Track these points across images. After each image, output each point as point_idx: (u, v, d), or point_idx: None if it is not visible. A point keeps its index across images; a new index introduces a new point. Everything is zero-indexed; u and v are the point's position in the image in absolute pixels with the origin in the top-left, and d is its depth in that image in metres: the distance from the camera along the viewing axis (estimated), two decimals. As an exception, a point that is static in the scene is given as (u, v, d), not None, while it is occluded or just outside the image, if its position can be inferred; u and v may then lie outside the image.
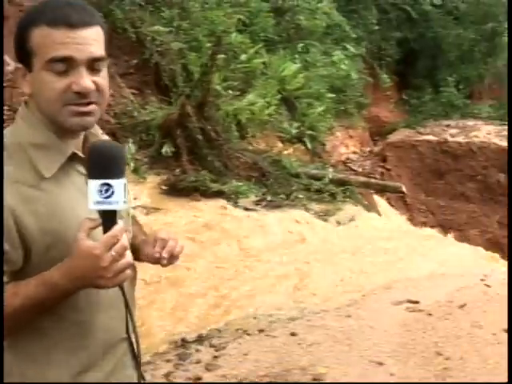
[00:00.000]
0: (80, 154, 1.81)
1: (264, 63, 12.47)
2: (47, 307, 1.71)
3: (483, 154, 14.94)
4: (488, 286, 6.43)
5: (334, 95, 14.03)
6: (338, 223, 8.45)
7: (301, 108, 12.87)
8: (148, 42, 10.16)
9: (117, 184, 1.65)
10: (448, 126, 16.48)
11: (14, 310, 1.67)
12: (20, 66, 1.76)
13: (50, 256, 1.71)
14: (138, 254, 2.02)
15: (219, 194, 8.59)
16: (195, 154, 9.21)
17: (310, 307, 5.44)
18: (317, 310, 5.38)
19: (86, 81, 1.71)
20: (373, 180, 11.01)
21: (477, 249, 9.32)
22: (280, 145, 12.07)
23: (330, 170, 10.99)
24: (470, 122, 16.96)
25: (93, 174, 1.66)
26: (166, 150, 8.86)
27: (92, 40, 1.73)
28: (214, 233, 7.08)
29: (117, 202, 1.65)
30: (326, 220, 8.45)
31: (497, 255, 9.53)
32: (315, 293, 5.81)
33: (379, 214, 11.40)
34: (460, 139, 15.29)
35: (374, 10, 17.39)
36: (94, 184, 1.65)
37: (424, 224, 14.42)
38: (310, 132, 12.68)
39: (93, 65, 1.74)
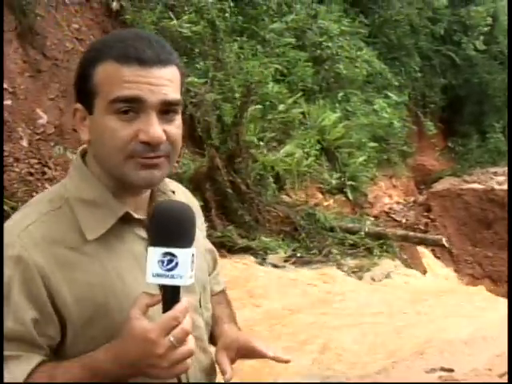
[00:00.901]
0: (135, 216, 1.54)
1: (303, 113, 12.32)
2: None
3: (532, 202, 14.48)
4: (535, 352, 5.99)
5: (376, 144, 13.81)
6: (373, 280, 8.11)
7: (341, 158, 12.65)
8: (182, 94, 10.04)
9: (182, 254, 1.39)
10: (495, 173, 16.10)
11: None
12: (79, 106, 1.52)
13: (90, 333, 1.47)
14: (213, 341, 1.76)
15: (246, 250, 8.33)
16: (225, 208, 9.01)
17: (335, 374, 5.09)
18: (342, 377, 5.03)
19: (157, 129, 1.45)
20: (411, 233, 10.63)
21: None
22: (320, 196, 11.83)
23: (368, 222, 10.67)
24: (519, 169, 16.55)
25: (155, 241, 1.41)
26: (194, 203, 8.70)
27: (167, 80, 1.48)
28: (236, 292, 6.77)
29: (180, 277, 1.39)
30: (360, 277, 8.13)
31: None
32: (341, 358, 5.45)
33: (422, 268, 11.02)
34: (506, 187, 14.87)
35: (416, 57, 17.21)
36: (155, 252, 1.39)
37: (471, 276, 14.01)
38: (351, 182, 12.43)
39: (165, 110, 1.48)
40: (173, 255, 1.38)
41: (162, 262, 1.38)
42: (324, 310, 6.71)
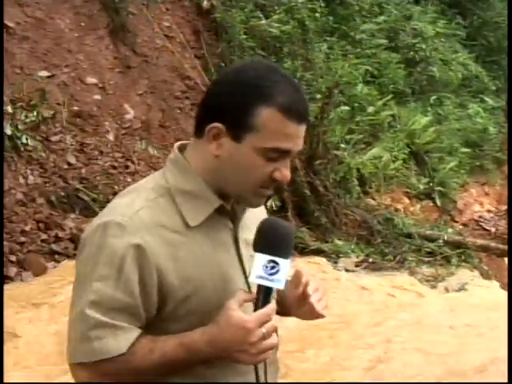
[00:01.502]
0: (228, 207, 1.80)
1: (393, 116, 12.13)
2: (183, 368, 1.69)
3: None
4: None
5: (468, 150, 13.46)
6: (446, 290, 7.87)
7: (431, 163, 12.38)
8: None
9: (284, 263, 1.67)
10: None
11: (149, 365, 1.65)
12: (221, 127, 1.70)
13: (188, 306, 1.70)
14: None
15: (318, 253, 8.26)
16: (302, 210, 8.96)
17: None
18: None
19: (289, 172, 1.74)
20: (493, 244, 10.24)
21: None
22: (407, 201, 11.63)
23: (450, 230, 10.37)
24: None
25: (262, 248, 1.68)
26: (272, 204, 8.67)
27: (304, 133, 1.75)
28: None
29: (279, 281, 1.66)
30: (433, 286, 7.89)
31: None
32: (395, 372, 5.30)
33: (506, 280, 10.68)
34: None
35: (517, 61, 16.68)
36: (262, 258, 1.66)
37: None
38: (439, 188, 12.15)
39: None
40: (276, 263, 1.65)
41: (266, 266, 1.65)
42: (385, 319, 6.56)
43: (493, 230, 13.17)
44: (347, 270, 7.88)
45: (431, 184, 12.07)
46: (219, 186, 1.75)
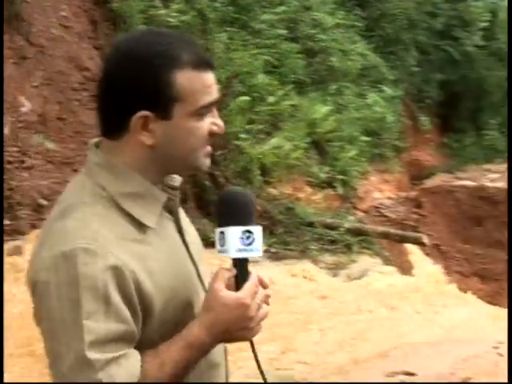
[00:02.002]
0: (175, 198, 1.72)
1: (293, 105, 12.20)
2: (194, 366, 1.61)
3: (524, 200, 14.39)
4: (500, 354, 5.84)
5: (368, 139, 13.69)
6: (348, 278, 7.96)
7: (332, 152, 12.55)
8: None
9: (257, 230, 1.62)
10: (488, 170, 16.00)
11: (165, 378, 1.56)
12: (145, 113, 1.56)
13: (165, 316, 1.60)
14: None
15: (219, 245, 8.13)
16: (203, 201, 8.85)
17: (293, 375, 4.98)
18: (299, 378, 4.91)
19: (221, 121, 1.66)
20: (392, 230, 10.46)
21: (498, 310, 8.65)
22: (309, 190, 11.73)
23: (351, 218, 10.53)
24: (513, 167, 16.44)
25: (232, 221, 1.62)
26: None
27: None
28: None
29: (258, 250, 1.62)
30: (335, 274, 7.97)
31: None
32: (302, 359, 5.29)
33: (408, 265, 10.93)
34: (500, 184, 14.76)
35: (413, 52, 17.07)
36: (236, 231, 1.60)
37: (460, 273, 13.96)
38: (341, 177, 12.32)
39: None
40: (250, 232, 1.60)
41: (242, 238, 1.59)
42: (289, 307, 6.58)
43: (393, 216, 13.48)
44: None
45: (332, 173, 12.21)
46: (161, 175, 1.66)
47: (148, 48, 1.58)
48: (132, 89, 1.57)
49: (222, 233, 1.63)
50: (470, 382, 5.04)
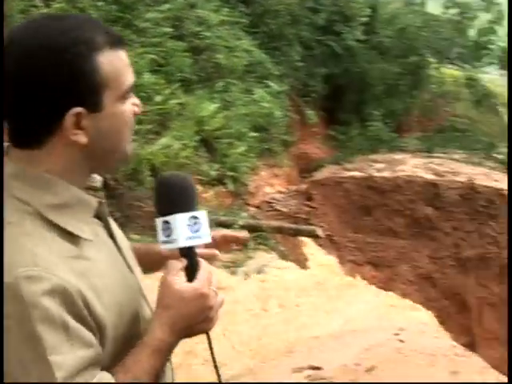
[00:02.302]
0: (103, 201, 1.58)
1: (181, 104, 12.09)
2: (163, 371, 1.54)
3: (410, 188, 14.83)
4: (402, 341, 5.98)
5: (256, 134, 13.74)
6: (246, 275, 7.92)
7: (221, 149, 12.51)
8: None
9: (203, 215, 1.55)
10: (375, 160, 16.37)
11: None
12: (76, 110, 1.40)
13: (115, 334, 1.46)
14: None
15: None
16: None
17: (199, 377, 4.91)
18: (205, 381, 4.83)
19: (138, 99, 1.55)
20: (286, 225, 10.53)
21: (394, 297, 8.87)
22: (200, 188, 11.65)
23: (244, 214, 10.54)
24: (398, 156, 16.95)
25: (176, 208, 1.53)
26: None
27: None
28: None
29: (207, 235, 1.56)
30: (233, 272, 7.93)
31: (418, 305, 8.99)
32: (206, 362, 5.21)
33: (303, 258, 11.02)
34: (386, 174, 15.16)
35: (297, 47, 17.26)
36: (182, 218, 1.52)
37: (353, 262, 14.23)
38: (231, 173, 12.30)
39: None
40: (196, 217, 1.53)
41: (189, 225, 1.52)
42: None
43: (285, 210, 13.60)
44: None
45: (222, 170, 12.19)
46: (88, 177, 1.52)
47: (59, 36, 1.39)
48: (53, 86, 1.39)
49: (166, 222, 1.54)
50: (333, 380, 5.08)
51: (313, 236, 10.78)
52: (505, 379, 5.29)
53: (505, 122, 19.49)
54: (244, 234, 2.05)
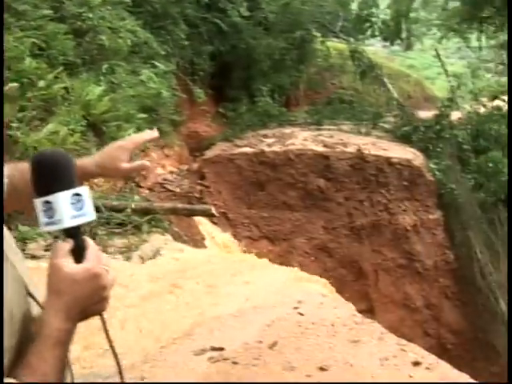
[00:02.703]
0: None
1: (65, 88, 11.77)
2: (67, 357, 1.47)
3: (301, 161, 15.01)
4: (301, 314, 6.03)
5: (145, 115, 13.56)
6: (142, 259, 7.77)
7: (109, 132, 12.28)
8: None
9: (84, 191, 1.48)
10: (265, 135, 16.47)
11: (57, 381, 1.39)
12: None
13: (12, 342, 1.38)
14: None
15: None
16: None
17: (97, 370, 4.79)
18: (104, 373, 4.72)
19: None
20: (180, 205, 10.44)
21: (291, 270, 8.94)
22: (90, 173, 11.41)
23: (136, 197, 10.38)
24: (287, 130, 17.11)
25: (57, 187, 1.44)
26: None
27: None
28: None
29: (91, 213, 1.50)
30: (128, 257, 7.77)
31: (315, 277, 9.07)
32: (106, 353, 5.08)
33: (200, 237, 11.00)
34: (277, 148, 15.28)
35: (182, 25, 17.08)
36: (65, 196, 1.44)
37: (249, 238, 14.32)
38: (117, 156, 12.08)
39: None
40: (79, 194, 1.46)
41: (73, 203, 1.44)
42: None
43: (178, 190, 13.56)
44: (34, 257, 7.32)
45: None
46: None
47: None
48: None
49: (47, 202, 1.46)
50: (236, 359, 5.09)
51: (208, 215, 10.76)
52: (403, 341, 5.42)
53: (391, 93, 19.95)
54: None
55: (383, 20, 20.42)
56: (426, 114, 19.25)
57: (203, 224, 11.92)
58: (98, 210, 8.98)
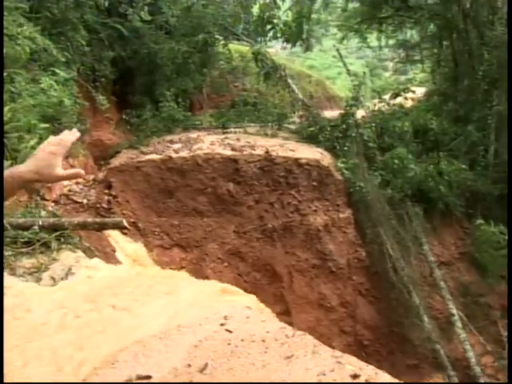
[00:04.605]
0: None
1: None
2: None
3: (209, 166, 14.83)
4: (229, 331, 5.76)
5: (47, 125, 13.07)
6: (53, 280, 7.27)
7: (11, 144, 11.78)
8: None
9: None
10: (171, 141, 16.23)
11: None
12: None
13: None
14: None
15: None
16: None
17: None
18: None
19: None
20: (90, 219, 9.98)
21: (214, 284, 8.62)
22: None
23: (43, 213, 9.89)
24: (193, 135, 16.95)
25: None
26: None
27: None
28: None
29: None
30: (38, 279, 7.25)
31: (236, 289, 8.79)
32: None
33: (111, 249, 10.67)
34: (184, 154, 15.04)
35: (82, 31, 16.58)
36: None
37: (161, 246, 14.05)
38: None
39: None
40: None
41: None
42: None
43: (84, 201, 13.17)
44: None
45: (14, 165, 11.49)
46: None
47: None
48: None
49: None
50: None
51: (119, 227, 10.38)
52: (338, 352, 5.26)
53: (295, 94, 19.97)
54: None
55: (285, 22, 20.40)
56: (330, 113, 19.39)
57: (113, 236, 11.57)
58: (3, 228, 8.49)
